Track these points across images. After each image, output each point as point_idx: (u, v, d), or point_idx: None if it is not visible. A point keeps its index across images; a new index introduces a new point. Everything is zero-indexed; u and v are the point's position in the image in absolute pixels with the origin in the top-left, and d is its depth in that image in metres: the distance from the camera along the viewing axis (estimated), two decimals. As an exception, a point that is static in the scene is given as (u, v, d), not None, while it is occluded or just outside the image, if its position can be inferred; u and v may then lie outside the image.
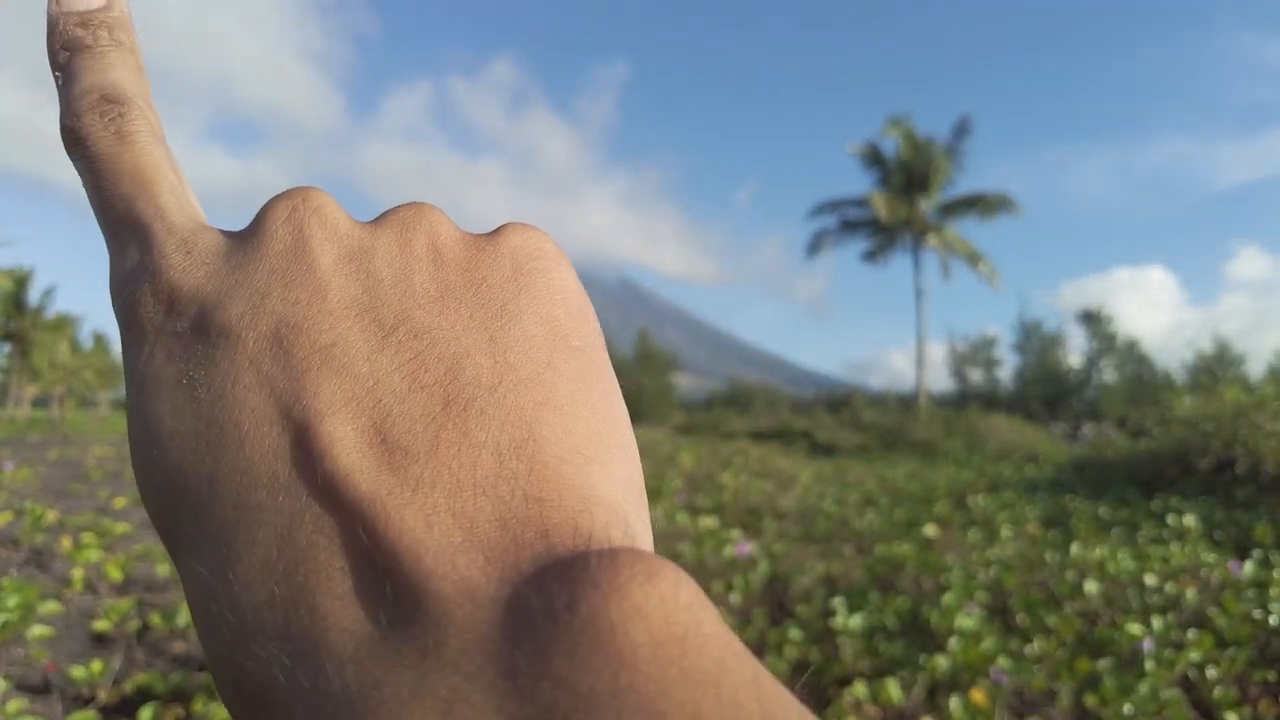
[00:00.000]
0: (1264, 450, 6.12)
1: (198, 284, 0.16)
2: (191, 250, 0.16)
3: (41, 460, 8.60)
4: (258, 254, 0.16)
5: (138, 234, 0.17)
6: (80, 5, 0.19)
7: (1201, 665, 2.12)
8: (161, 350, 0.15)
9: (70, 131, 0.18)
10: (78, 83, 0.19)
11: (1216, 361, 26.07)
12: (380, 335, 0.15)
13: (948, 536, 4.54)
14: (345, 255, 0.16)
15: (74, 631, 2.53)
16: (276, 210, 0.17)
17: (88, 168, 0.18)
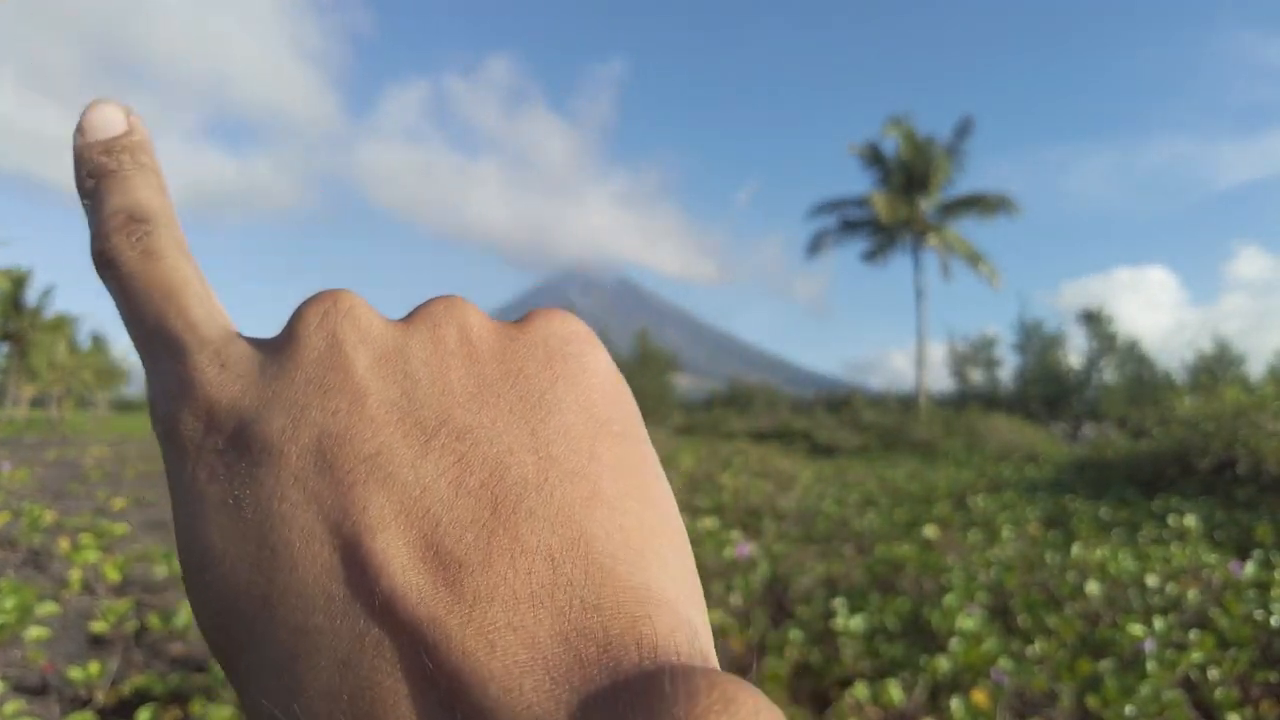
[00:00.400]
0: (1265, 450, 6.12)
1: (234, 398, 0.16)
2: (225, 362, 0.16)
3: (39, 461, 8.60)
4: (293, 363, 0.16)
5: (170, 348, 0.17)
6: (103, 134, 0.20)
7: (1203, 666, 2.11)
8: (204, 469, 0.15)
9: (101, 254, 0.18)
10: (105, 206, 0.19)
11: (1217, 361, 26.09)
12: (423, 439, 0.15)
13: (948, 537, 4.54)
14: (380, 358, 0.16)
15: (71, 633, 2.52)
16: (308, 316, 0.17)
17: (118, 287, 0.18)
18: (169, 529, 4.49)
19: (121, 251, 0.18)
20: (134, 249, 0.18)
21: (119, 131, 0.20)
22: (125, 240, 0.18)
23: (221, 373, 0.16)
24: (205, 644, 0.96)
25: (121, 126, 0.20)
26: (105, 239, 0.19)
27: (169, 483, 0.16)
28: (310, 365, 0.16)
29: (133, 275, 0.18)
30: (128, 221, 0.19)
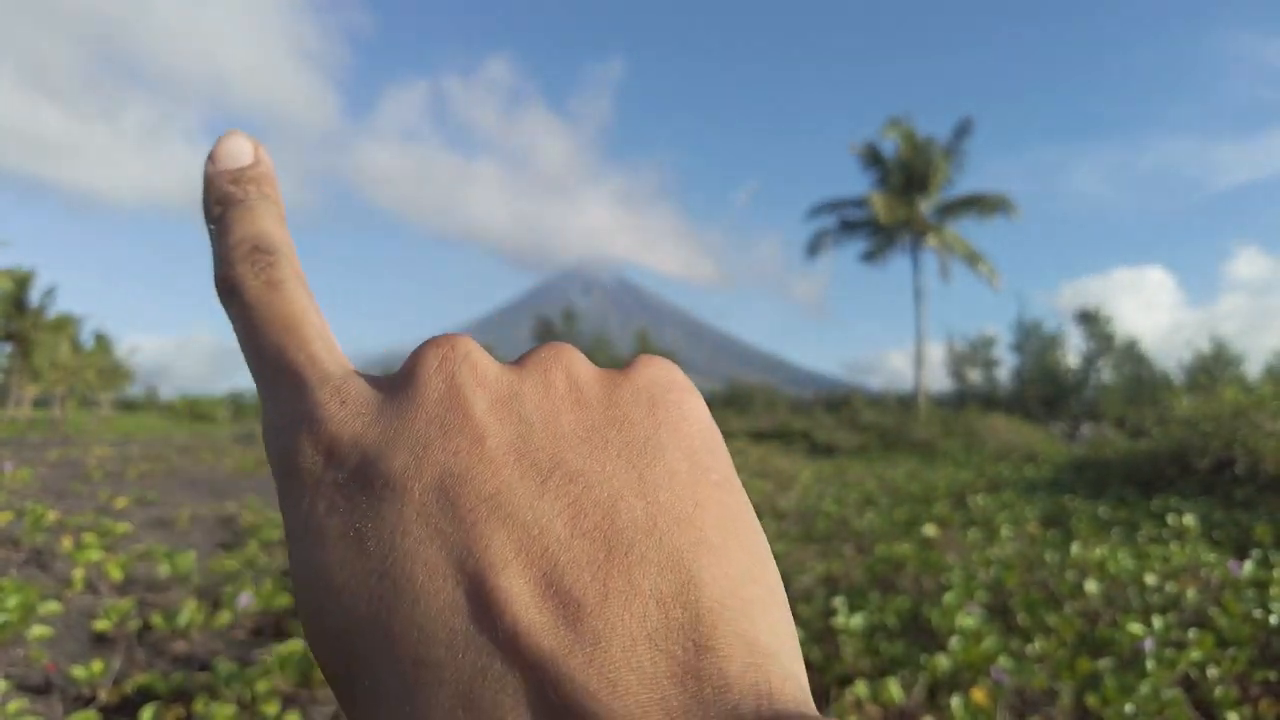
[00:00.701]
0: (1263, 450, 6.13)
1: (356, 434, 0.16)
2: (346, 399, 0.17)
3: (42, 460, 8.60)
4: (413, 403, 0.16)
5: (291, 381, 0.18)
6: (232, 164, 0.21)
7: (1202, 665, 2.11)
8: (323, 500, 0.16)
9: (225, 280, 0.19)
10: (231, 234, 0.20)
11: (1214, 361, 26.11)
12: (539, 480, 0.15)
13: (947, 536, 4.54)
14: (496, 401, 0.17)
15: (74, 631, 2.52)
16: (427, 359, 0.17)
17: (241, 314, 0.19)
18: (171, 528, 4.49)
19: (245, 280, 0.19)
20: (258, 278, 0.19)
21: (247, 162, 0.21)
22: (249, 270, 0.19)
23: (342, 409, 0.17)
24: (210, 645, 0.97)
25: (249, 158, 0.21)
26: (230, 267, 0.19)
27: (284, 513, 0.17)
28: (431, 405, 0.16)
29: (255, 305, 0.19)
30: (252, 251, 0.19)
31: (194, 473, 8.22)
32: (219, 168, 0.21)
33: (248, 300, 0.19)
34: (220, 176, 0.21)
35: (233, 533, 4.54)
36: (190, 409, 43.15)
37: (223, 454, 10.48)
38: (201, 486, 7.06)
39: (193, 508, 5.28)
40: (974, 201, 25.68)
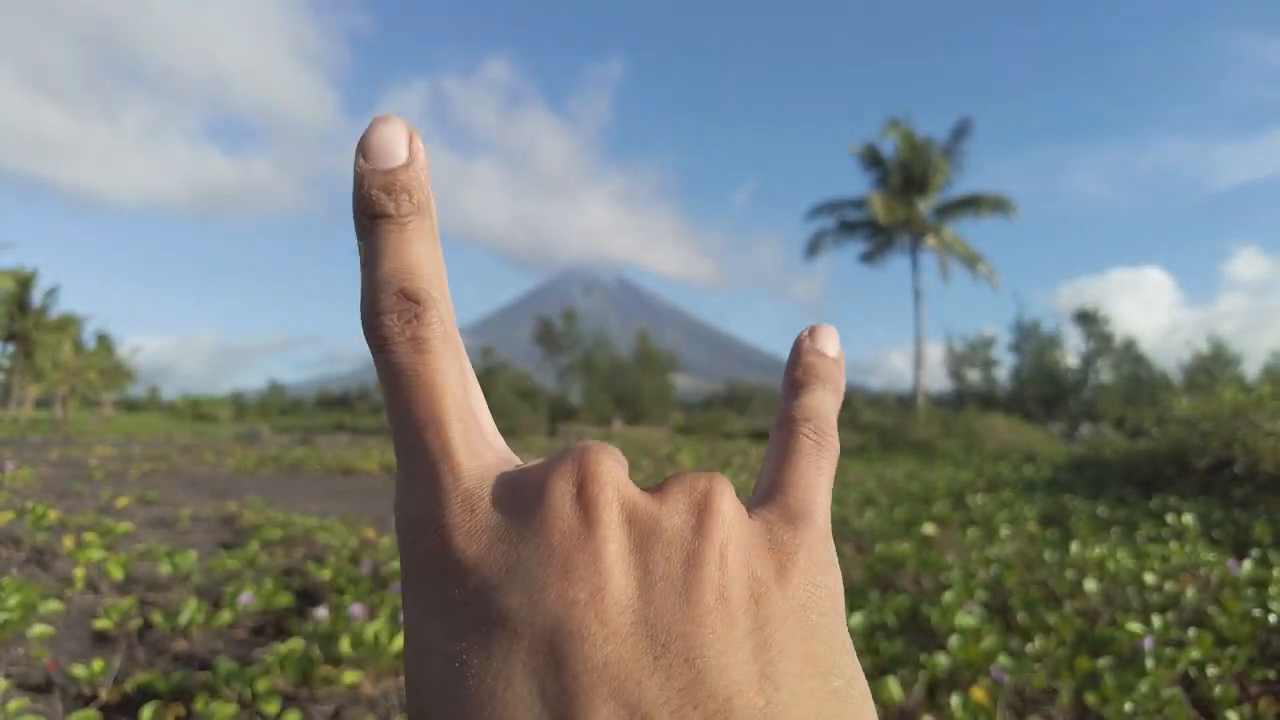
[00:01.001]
0: (1262, 449, 6.14)
1: (479, 556, 0.16)
2: (474, 508, 0.16)
3: (44, 460, 8.60)
4: (542, 532, 0.16)
5: (424, 471, 0.17)
6: (385, 162, 0.19)
7: (1201, 663, 2.11)
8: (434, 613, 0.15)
9: (372, 330, 0.18)
10: (379, 266, 0.18)
11: (1213, 361, 26.13)
12: (653, 654, 0.15)
13: (947, 535, 4.55)
14: (631, 547, 0.16)
15: (75, 630, 2.52)
16: (564, 479, 0.16)
17: (386, 375, 0.18)
18: (172, 527, 4.49)
19: (393, 338, 0.18)
20: (404, 334, 0.18)
21: (400, 161, 0.19)
22: (396, 323, 0.18)
23: (469, 519, 0.16)
24: (211, 644, 0.97)
25: (403, 155, 0.19)
26: (377, 316, 0.18)
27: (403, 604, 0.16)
28: (558, 538, 0.15)
29: (400, 369, 0.18)
30: (400, 300, 0.18)
31: (195, 472, 8.22)
32: (370, 165, 0.19)
33: (393, 362, 0.18)
34: (371, 178, 0.18)
35: (234, 532, 4.54)
36: (192, 409, 43.07)
37: (224, 454, 10.48)
38: (203, 486, 7.06)
39: (194, 507, 5.29)
40: (973, 202, 25.68)
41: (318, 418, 50.79)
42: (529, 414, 40.56)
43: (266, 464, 9.31)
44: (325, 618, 2.47)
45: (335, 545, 3.85)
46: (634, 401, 40.62)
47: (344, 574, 3.08)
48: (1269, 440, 6.20)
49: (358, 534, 4.36)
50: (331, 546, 3.87)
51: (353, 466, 9.15)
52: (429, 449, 0.17)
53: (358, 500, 6.72)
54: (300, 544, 4.13)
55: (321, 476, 8.56)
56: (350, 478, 8.55)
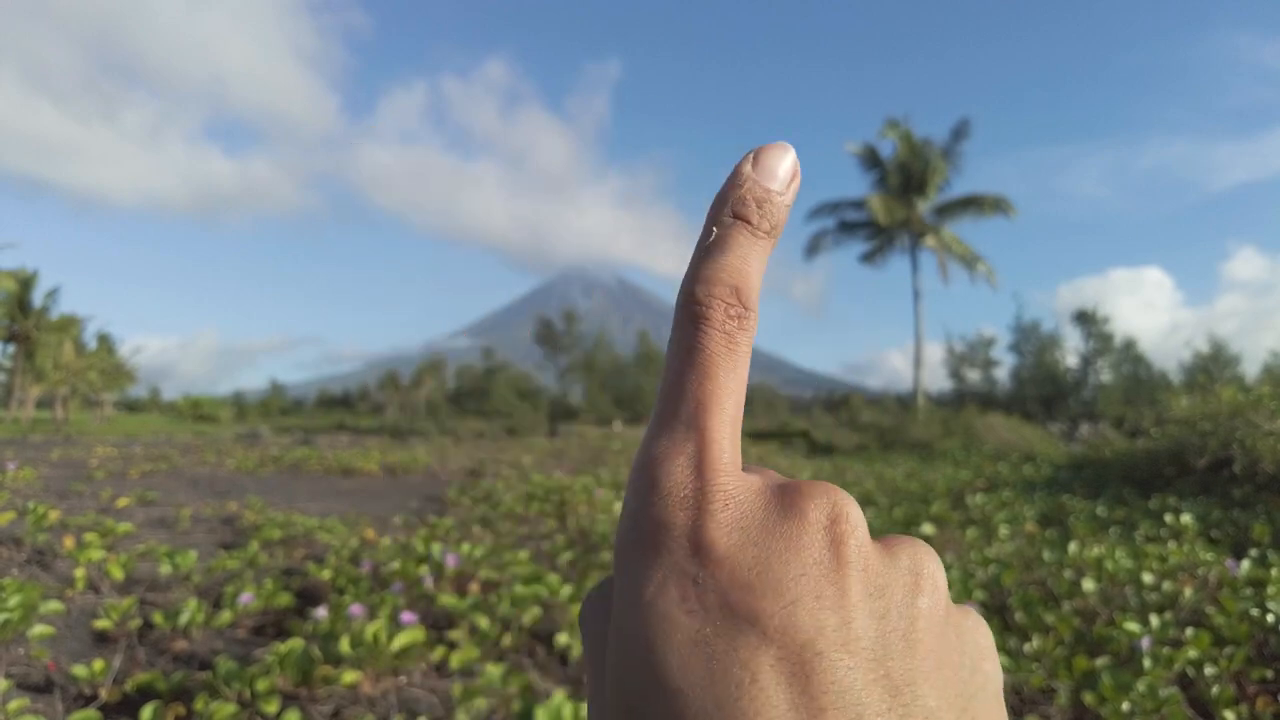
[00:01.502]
0: (1261, 449, 6.14)
1: (733, 548, 0.17)
2: (730, 504, 0.17)
3: (45, 460, 8.60)
4: (793, 551, 0.17)
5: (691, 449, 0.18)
6: (768, 180, 0.21)
7: (1199, 663, 2.12)
8: (677, 588, 0.16)
9: (695, 303, 0.19)
10: (724, 256, 0.20)
11: (1212, 361, 26.14)
12: (889, 695, 0.16)
13: (946, 535, 4.55)
14: (871, 592, 0.17)
15: (76, 630, 2.53)
16: (818, 510, 0.17)
17: (689, 347, 0.19)
18: (173, 527, 4.49)
19: (713, 320, 0.19)
20: (724, 325, 0.19)
21: (779, 187, 0.21)
22: (721, 313, 0.19)
23: (725, 512, 0.17)
24: (211, 644, 0.98)
25: (784, 184, 0.21)
26: (708, 295, 0.19)
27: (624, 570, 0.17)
28: (810, 564, 0.17)
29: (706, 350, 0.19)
30: (732, 294, 0.20)
31: (196, 473, 8.22)
32: (755, 176, 0.21)
33: (703, 343, 0.19)
34: (752, 186, 0.20)
35: (234, 532, 4.55)
36: (193, 409, 43.00)
37: (225, 454, 10.48)
38: (203, 486, 7.05)
39: (194, 507, 5.29)
40: (972, 202, 25.69)
41: (318, 418, 50.70)
42: (530, 414, 40.55)
43: (267, 464, 9.32)
44: (325, 618, 2.48)
45: (335, 545, 3.86)
46: (634, 401, 40.62)
47: (344, 574, 3.08)
48: (1268, 440, 6.20)
49: (358, 534, 4.36)
50: (331, 546, 3.88)
51: (353, 467, 9.15)
52: (702, 430, 0.18)
53: (358, 500, 6.73)
54: (300, 544, 4.14)
55: (322, 477, 8.57)
56: (350, 478, 8.55)
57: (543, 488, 6.86)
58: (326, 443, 18.67)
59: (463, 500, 6.60)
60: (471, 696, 1.87)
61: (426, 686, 2.18)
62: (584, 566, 3.59)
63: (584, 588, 2.89)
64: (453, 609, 2.62)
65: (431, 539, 3.66)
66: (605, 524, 4.57)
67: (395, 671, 2.20)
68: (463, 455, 11.69)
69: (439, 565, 3.17)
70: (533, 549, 4.03)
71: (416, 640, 2.16)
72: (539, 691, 2.16)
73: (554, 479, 7.61)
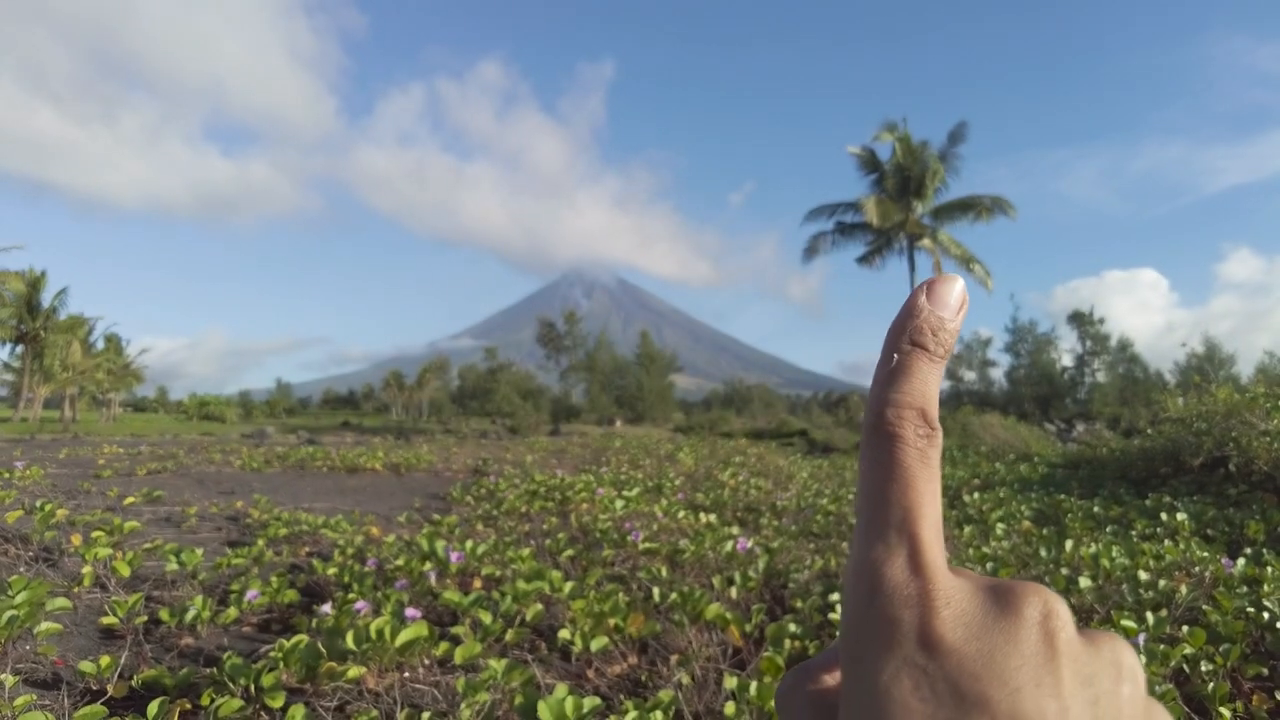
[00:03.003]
0: (1256, 448, 6.16)
1: (959, 644, 0.19)
2: (950, 602, 0.20)
3: (52, 459, 8.60)
4: (1012, 644, 0.19)
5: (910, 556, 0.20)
6: (942, 310, 0.23)
7: (1195, 660, 2.12)
8: (909, 680, 0.18)
9: (887, 425, 0.22)
10: (908, 382, 0.22)
11: (1207, 361, 26.17)
12: None
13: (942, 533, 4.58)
14: (1081, 680, 0.19)
15: (83, 627, 2.53)
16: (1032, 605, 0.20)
17: (885, 464, 0.21)
18: (179, 525, 4.51)
19: (907, 442, 0.21)
20: (916, 444, 0.21)
21: (951, 315, 0.23)
22: (912, 432, 0.22)
23: (948, 610, 0.19)
24: (217, 640, 1.01)
25: (955, 312, 0.23)
26: (898, 419, 0.22)
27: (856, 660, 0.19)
28: (1028, 655, 0.19)
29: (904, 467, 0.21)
30: (920, 416, 0.22)
31: (202, 471, 8.22)
32: (931, 305, 0.23)
33: (899, 459, 0.21)
34: (928, 316, 0.23)
35: (240, 530, 4.56)
36: (200, 409, 42.89)
37: (231, 453, 10.48)
38: (210, 484, 7.06)
39: (201, 505, 5.30)
40: (971, 205, 25.70)
41: (324, 417, 50.56)
42: (532, 413, 40.50)
43: (273, 463, 9.32)
44: (330, 614, 2.49)
45: (340, 543, 3.87)
46: (635, 401, 40.54)
47: (349, 571, 3.10)
48: (1263, 439, 6.23)
49: (363, 532, 4.38)
50: (337, 544, 3.89)
51: (358, 465, 9.16)
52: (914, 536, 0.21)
53: (363, 499, 6.74)
54: (306, 541, 4.15)
55: (327, 475, 8.57)
56: (356, 476, 8.55)
57: (545, 486, 6.88)
58: (332, 442, 18.67)
59: (466, 498, 6.62)
60: (475, 691, 1.88)
61: (430, 681, 2.19)
62: (585, 563, 3.61)
63: (586, 584, 2.91)
64: (456, 605, 2.63)
65: (435, 536, 3.68)
66: (606, 522, 4.59)
67: (399, 667, 2.21)
68: (466, 454, 11.69)
69: (443, 562, 3.19)
70: (535, 546, 4.04)
71: (420, 636, 2.17)
72: (541, 686, 2.18)
73: (556, 477, 7.63)
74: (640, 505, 5.66)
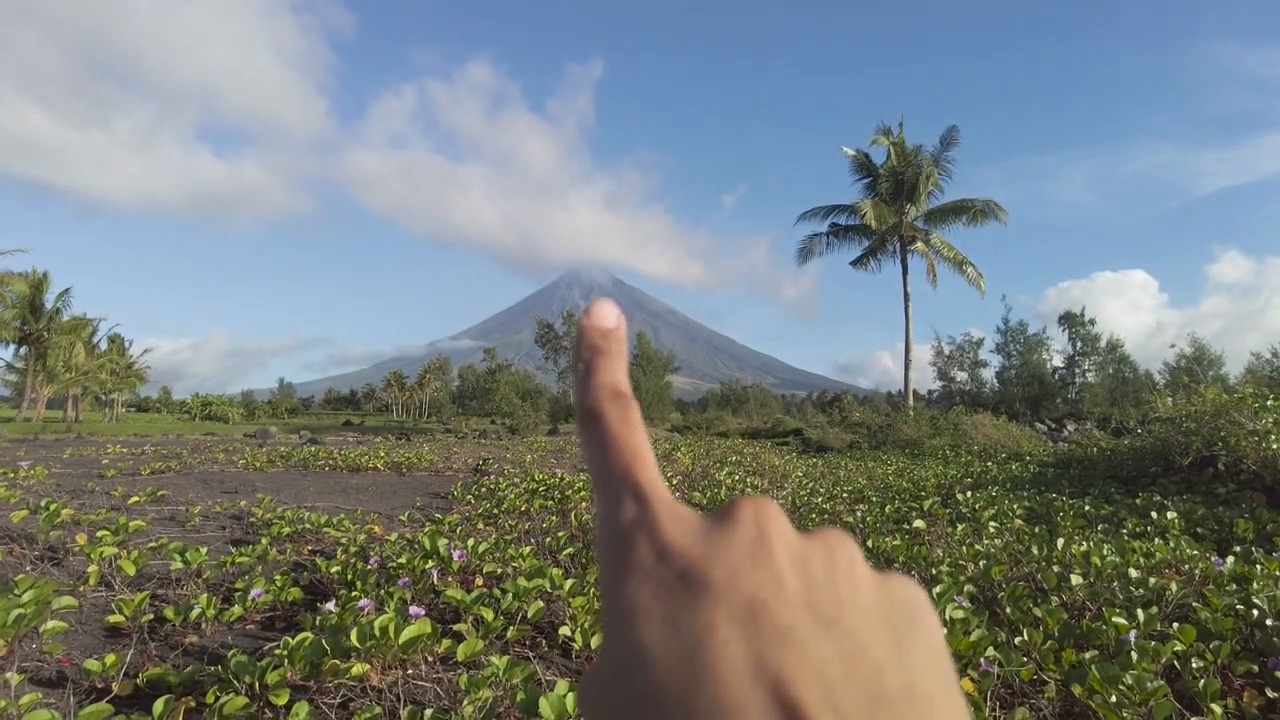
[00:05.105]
0: (1244, 448, 6.22)
1: (686, 544, 0.21)
2: (678, 517, 0.23)
3: (57, 459, 8.57)
4: (732, 537, 0.22)
5: (635, 496, 0.23)
6: (602, 323, 0.27)
7: (1185, 657, 2.15)
8: (649, 588, 0.21)
9: (591, 411, 0.26)
10: (597, 376, 0.26)
11: (1196, 361, 26.35)
12: (823, 628, 0.21)
13: (936, 531, 4.61)
14: (794, 558, 0.22)
15: (88, 625, 2.54)
16: (745, 509, 0.23)
17: (599, 440, 0.25)
18: (184, 524, 4.51)
19: (608, 414, 0.25)
20: (617, 414, 0.25)
21: (612, 325, 0.27)
22: (612, 407, 0.25)
23: (675, 523, 0.22)
24: (222, 638, 1.06)
25: (614, 322, 0.27)
26: (598, 402, 0.25)
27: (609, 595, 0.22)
28: (745, 544, 0.21)
29: (613, 435, 0.25)
30: (614, 394, 0.26)
31: (206, 470, 8.20)
32: (592, 324, 0.27)
33: (608, 429, 0.25)
34: (593, 331, 0.27)
35: (244, 528, 4.57)
36: (203, 409, 42.60)
37: (234, 452, 10.44)
38: (213, 484, 7.04)
39: (205, 504, 5.30)
40: (962, 208, 25.80)
41: (326, 417, 50.29)
42: (531, 413, 40.41)
43: (276, 462, 9.30)
44: (334, 611, 2.51)
45: (344, 541, 3.89)
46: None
47: (352, 569, 3.11)
48: (1251, 439, 6.29)
49: (366, 530, 4.39)
50: (340, 542, 3.90)
51: (360, 465, 9.14)
52: (637, 479, 0.24)
53: (365, 497, 6.73)
54: (309, 540, 4.16)
55: (330, 474, 8.56)
56: (358, 475, 8.54)
57: (545, 485, 6.90)
58: (334, 441, 18.59)
59: (467, 497, 6.64)
60: (477, 688, 1.89)
61: (433, 678, 2.21)
62: (585, 560, 3.64)
63: (586, 581, 2.93)
64: (458, 602, 2.65)
65: (437, 535, 3.70)
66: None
67: (403, 664, 2.22)
68: (467, 453, 11.68)
69: (445, 560, 3.21)
70: (536, 544, 4.07)
71: (423, 633, 2.18)
72: (543, 683, 2.21)
73: (556, 476, 7.65)
74: (637, 504, 5.67)
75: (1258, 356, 22.01)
